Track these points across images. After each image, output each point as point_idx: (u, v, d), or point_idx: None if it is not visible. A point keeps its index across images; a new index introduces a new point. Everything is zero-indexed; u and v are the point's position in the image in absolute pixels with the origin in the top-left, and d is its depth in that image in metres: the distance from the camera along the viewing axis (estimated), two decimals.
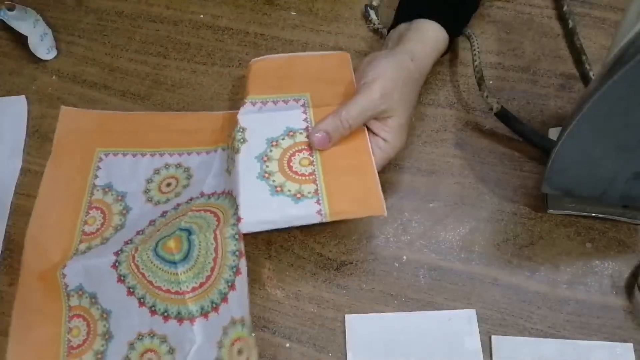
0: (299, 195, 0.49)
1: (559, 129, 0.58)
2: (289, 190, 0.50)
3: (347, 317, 0.52)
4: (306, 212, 0.48)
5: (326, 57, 0.59)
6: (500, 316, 0.53)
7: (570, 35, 0.65)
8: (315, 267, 0.55)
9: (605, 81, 0.40)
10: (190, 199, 0.56)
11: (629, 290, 0.53)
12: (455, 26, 0.59)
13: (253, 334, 0.47)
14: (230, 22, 0.69)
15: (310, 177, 0.50)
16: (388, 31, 0.61)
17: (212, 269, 0.49)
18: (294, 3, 0.69)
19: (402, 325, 0.52)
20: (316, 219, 0.48)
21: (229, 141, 0.55)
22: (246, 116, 0.54)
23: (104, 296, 0.52)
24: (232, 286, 0.48)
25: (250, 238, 0.56)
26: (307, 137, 0.53)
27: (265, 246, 0.56)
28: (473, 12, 0.62)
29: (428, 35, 0.56)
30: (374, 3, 0.68)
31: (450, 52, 0.65)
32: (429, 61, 0.56)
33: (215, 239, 0.49)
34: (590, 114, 0.43)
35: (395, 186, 0.58)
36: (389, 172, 0.59)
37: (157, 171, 0.59)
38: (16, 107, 0.64)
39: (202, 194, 0.56)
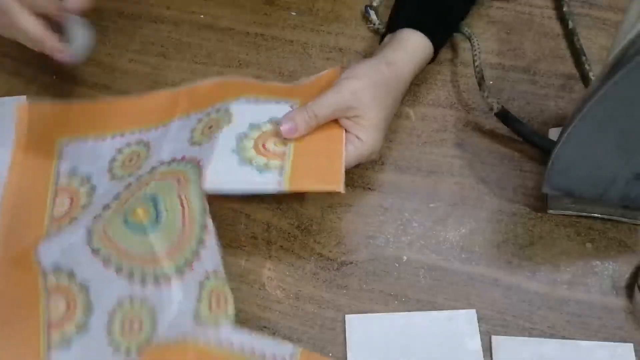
0: (264, 168, 0.52)
1: (559, 129, 0.58)
2: (256, 163, 0.52)
3: (347, 317, 0.52)
4: (266, 181, 0.51)
5: (321, 78, 0.60)
6: (501, 316, 0.53)
7: (570, 36, 0.65)
8: (315, 267, 0.55)
9: (605, 82, 0.40)
10: (152, 169, 0.56)
11: (629, 290, 0.53)
12: (440, 34, 0.60)
13: (226, 285, 0.49)
14: (231, 22, 0.69)
15: (280, 155, 0.52)
16: (380, 44, 0.61)
17: (182, 230, 0.51)
18: (294, 3, 0.69)
19: (403, 326, 0.52)
20: (274, 188, 0.50)
21: (203, 119, 0.57)
22: (238, 106, 0.56)
23: (81, 271, 0.51)
24: (202, 242, 0.50)
25: (250, 238, 0.56)
26: (290, 112, 0.54)
27: (266, 246, 0.56)
28: (460, 20, 0.63)
29: (408, 43, 0.57)
30: (374, 3, 0.68)
31: (451, 52, 0.65)
32: (409, 68, 0.57)
33: (180, 200, 0.51)
34: (590, 115, 0.43)
35: (395, 186, 0.58)
36: (388, 172, 0.59)
37: (119, 151, 0.60)
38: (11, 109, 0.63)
39: (162, 162, 0.56)
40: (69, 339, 0.50)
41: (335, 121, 0.54)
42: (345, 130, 0.54)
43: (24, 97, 0.64)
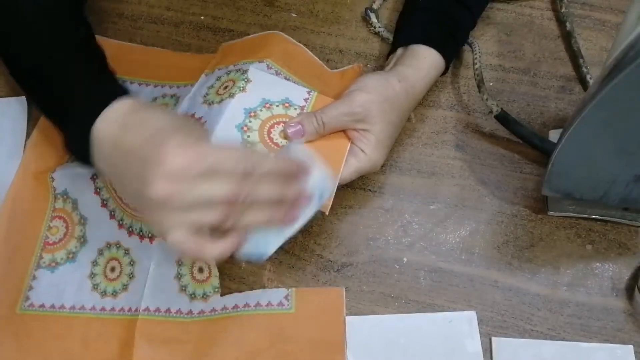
0: None
1: (559, 131, 0.58)
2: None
3: (348, 318, 0.52)
4: None
5: (344, 72, 0.63)
6: (501, 318, 0.53)
7: (568, 38, 0.65)
8: (315, 268, 0.55)
9: (605, 84, 0.40)
10: None
11: (629, 292, 0.53)
12: (452, 50, 0.60)
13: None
14: (231, 23, 0.69)
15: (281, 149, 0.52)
16: (387, 57, 0.61)
17: None
18: (295, 5, 0.69)
19: (403, 327, 0.52)
20: None
21: (223, 76, 0.57)
22: (257, 71, 0.55)
23: (83, 204, 0.57)
24: None
25: None
26: (299, 115, 0.54)
27: None
28: (469, 32, 0.63)
29: (423, 61, 0.57)
30: (374, 6, 0.68)
31: None
32: (422, 85, 0.56)
33: None
34: (590, 117, 0.43)
35: (396, 188, 0.58)
36: (389, 174, 0.59)
37: (154, 99, 0.62)
38: (16, 108, 0.63)
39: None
40: (57, 262, 0.55)
41: (344, 132, 0.54)
42: (351, 142, 0.53)
43: (23, 97, 0.64)
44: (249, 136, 0.51)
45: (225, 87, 0.55)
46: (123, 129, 0.43)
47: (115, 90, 0.47)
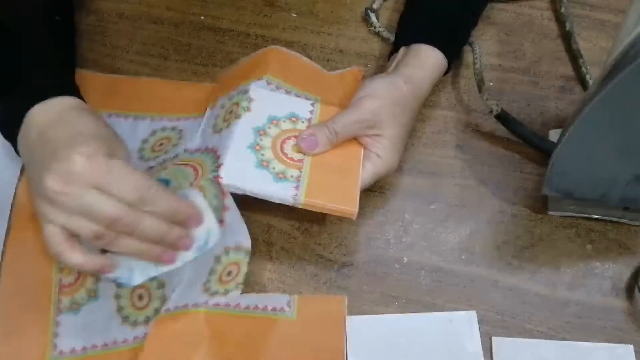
0: (281, 176, 0.51)
1: (559, 131, 0.58)
2: (274, 168, 0.51)
3: (348, 318, 0.52)
4: (282, 192, 0.50)
5: (344, 74, 0.62)
6: (501, 318, 0.53)
7: (568, 38, 0.65)
8: (316, 268, 0.55)
9: (605, 84, 0.40)
10: (176, 156, 0.57)
11: (629, 292, 0.53)
12: (454, 49, 0.60)
13: (247, 255, 0.50)
14: (231, 23, 0.69)
15: (298, 164, 0.52)
16: (389, 57, 0.61)
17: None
18: (295, 5, 0.69)
19: (403, 327, 0.52)
20: (290, 202, 0.50)
21: (226, 103, 0.56)
22: (258, 89, 0.55)
23: None
24: (220, 222, 0.49)
25: (251, 239, 0.56)
26: (307, 127, 0.54)
27: (266, 248, 0.56)
28: (471, 31, 0.63)
29: (426, 61, 0.57)
30: (374, 6, 0.68)
31: None
32: (426, 85, 0.56)
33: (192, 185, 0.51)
34: (590, 117, 0.43)
35: (396, 188, 0.59)
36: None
37: (153, 132, 0.61)
38: None
39: (186, 150, 0.57)
40: (79, 303, 0.52)
41: (355, 138, 0.54)
42: (364, 148, 0.54)
43: None
44: (263, 154, 0.51)
45: (231, 112, 0.55)
46: (54, 121, 0.45)
47: (68, 84, 0.51)
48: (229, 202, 0.49)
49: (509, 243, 0.56)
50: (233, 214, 0.50)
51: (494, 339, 0.52)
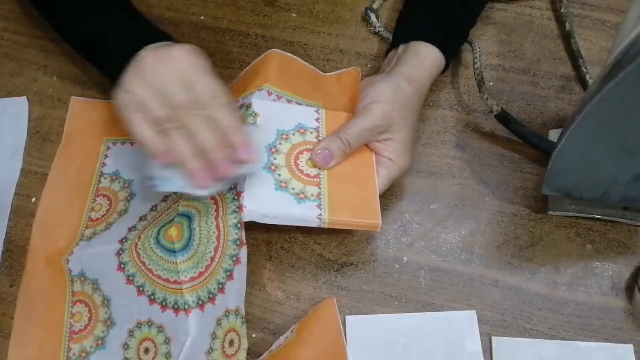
0: (302, 196, 0.50)
1: (559, 130, 0.58)
2: (293, 189, 0.50)
3: (348, 318, 0.53)
4: (307, 215, 0.49)
5: (341, 75, 0.62)
6: (501, 317, 0.53)
7: (568, 38, 0.65)
8: (315, 268, 0.55)
9: (605, 83, 0.40)
10: None
11: (629, 291, 0.53)
12: (452, 48, 0.60)
13: (244, 325, 0.50)
14: (231, 23, 0.69)
15: (315, 180, 0.52)
16: (386, 53, 0.61)
17: (212, 258, 0.49)
18: (295, 4, 0.69)
19: (403, 327, 0.52)
20: (315, 223, 0.50)
21: None
22: (260, 102, 0.54)
23: (105, 283, 0.52)
24: (230, 276, 0.49)
25: (251, 239, 0.56)
26: (317, 138, 0.54)
27: (266, 247, 0.56)
28: (469, 30, 0.63)
29: (425, 59, 0.57)
30: (374, 6, 0.68)
31: None
32: (426, 83, 0.57)
33: (218, 227, 0.49)
34: (590, 116, 0.43)
35: (396, 187, 0.59)
36: None
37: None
38: (17, 108, 0.64)
39: None
40: (87, 351, 0.51)
41: (365, 144, 0.54)
42: (376, 153, 0.54)
43: (24, 97, 0.64)
44: (280, 174, 0.51)
45: None
46: (151, 52, 0.50)
47: (162, 33, 0.57)
48: (243, 254, 0.49)
49: (509, 243, 0.56)
50: (242, 270, 0.49)
51: (493, 338, 0.52)
